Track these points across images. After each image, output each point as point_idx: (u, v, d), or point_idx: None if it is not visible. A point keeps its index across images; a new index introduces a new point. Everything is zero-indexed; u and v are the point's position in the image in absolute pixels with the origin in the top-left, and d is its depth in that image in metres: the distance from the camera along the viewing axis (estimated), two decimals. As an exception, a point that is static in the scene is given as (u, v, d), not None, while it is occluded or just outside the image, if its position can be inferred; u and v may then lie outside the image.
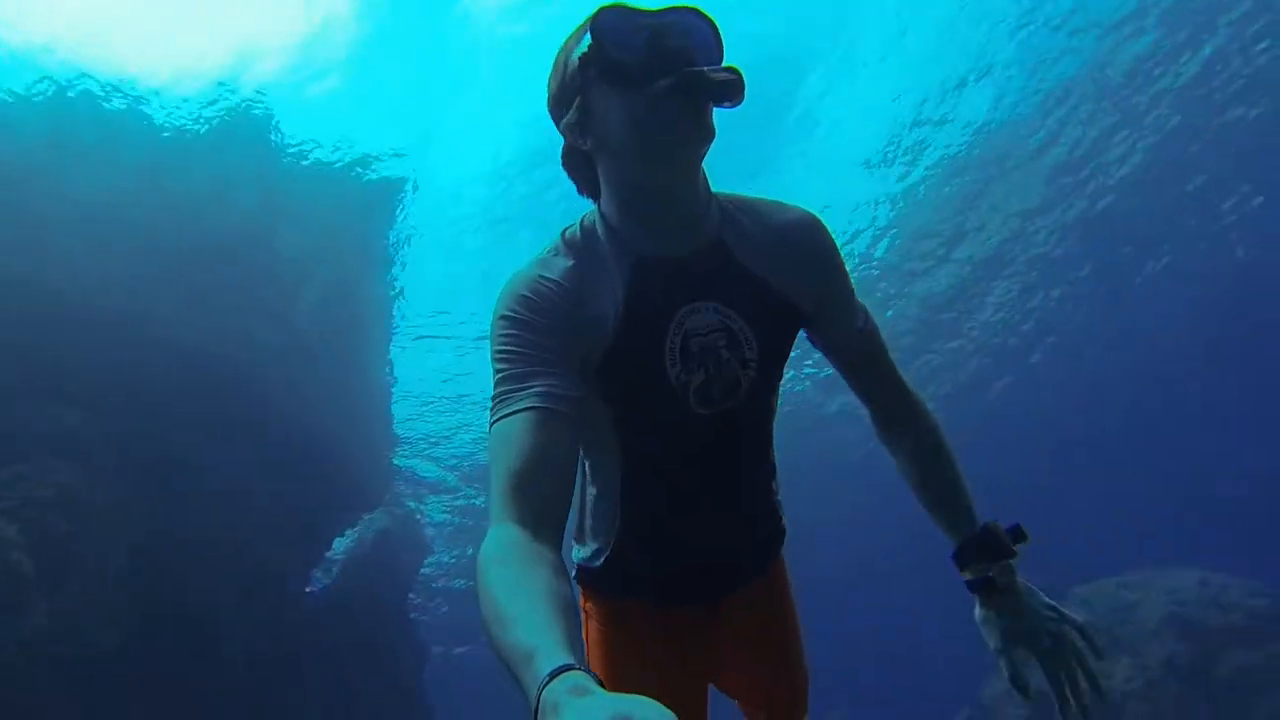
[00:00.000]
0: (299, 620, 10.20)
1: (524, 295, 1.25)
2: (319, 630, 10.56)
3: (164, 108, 11.37)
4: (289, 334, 11.88)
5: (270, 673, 9.14)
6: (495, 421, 1.17)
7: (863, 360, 1.53)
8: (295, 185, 12.47)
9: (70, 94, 10.58)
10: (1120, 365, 20.45)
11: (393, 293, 15.32)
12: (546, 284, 1.27)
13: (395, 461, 17.54)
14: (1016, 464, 22.47)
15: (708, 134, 1.21)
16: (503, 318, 1.24)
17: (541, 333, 1.22)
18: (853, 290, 1.49)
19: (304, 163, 12.73)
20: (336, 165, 13.03)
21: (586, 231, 1.36)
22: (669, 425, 1.38)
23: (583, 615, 1.69)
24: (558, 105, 1.30)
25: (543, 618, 0.85)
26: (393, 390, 16.43)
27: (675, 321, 1.33)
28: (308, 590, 11.55)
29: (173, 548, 8.33)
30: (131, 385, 9.02)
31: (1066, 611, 1.43)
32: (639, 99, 1.18)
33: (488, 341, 1.27)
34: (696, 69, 1.16)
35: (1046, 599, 1.44)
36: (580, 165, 1.35)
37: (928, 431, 1.56)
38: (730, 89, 1.15)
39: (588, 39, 1.20)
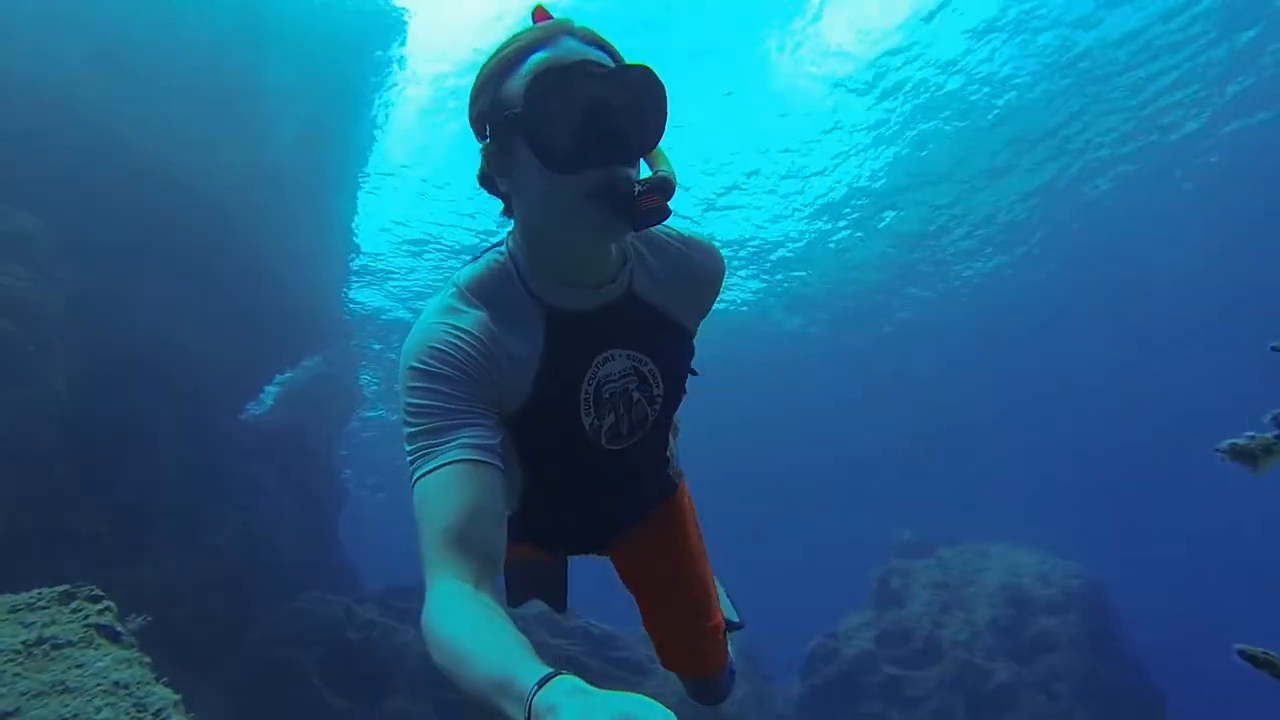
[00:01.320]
0: (227, 441, 10.61)
1: (437, 348, 1.22)
2: (245, 455, 11.03)
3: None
4: (258, 167, 11.66)
5: (196, 486, 9.61)
6: (421, 476, 1.15)
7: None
8: (284, 10, 11.74)
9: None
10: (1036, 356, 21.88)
11: (370, 137, 14.82)
12: (461, 336, 1.24)
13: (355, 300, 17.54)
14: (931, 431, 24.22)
15: (619, 236, 1.24)
16: (416, 370, 1.21)
17: (458, 384, 1.20)
18: None
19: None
20: None
21: (496, 278, 1.33)
22: (577, 460, 1.44)
23: None
24: (478, 126, 1.26)
25: (509, 652, 0.88)
26: (355, 240, 16.24)
27: (590, 372, 1.36)
28: (240, 417, 11.92)
29: (116, 358, 8.56)
30: (89, 192, 8.87)
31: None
32: (563, 187, 1.17)
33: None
34: (625, 189, 1.16)
35: None
36: (496, 189, 1.33)
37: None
38: (651, 218, 1.17)
39: (521, 100, 1.15)
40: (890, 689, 10.62)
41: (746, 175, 14.83)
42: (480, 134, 1.26)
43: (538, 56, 1.17)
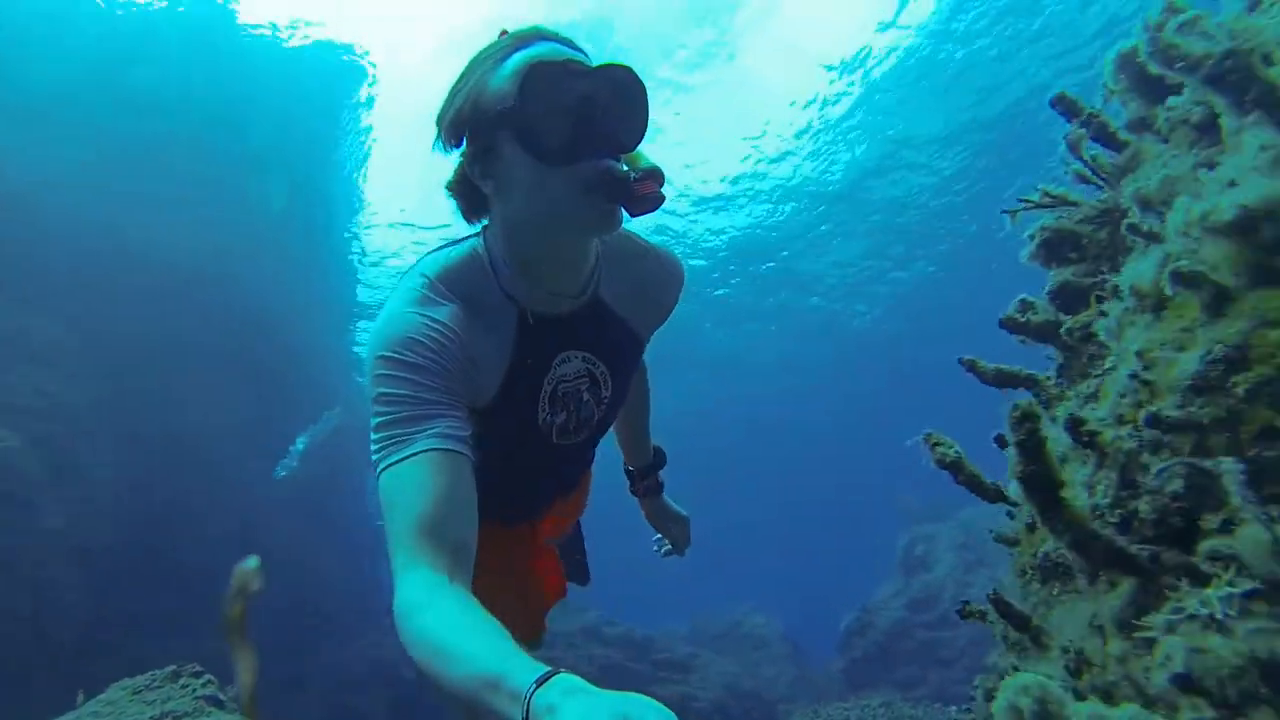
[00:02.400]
0: (265, 504, 11.22)
1: (411, 338, 1.22)
2: (283, 514, 11.64)
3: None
4: (255, 233, 12.17)
5: (239, 549, 10.17)
6: (392, 464, 1.14)
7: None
8: (260, 69, 12.26)
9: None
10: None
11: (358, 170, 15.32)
12: (435, 328, 1.24)
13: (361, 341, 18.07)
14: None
15: (615, 227, 1.24)
16: (390, 360, 1.20)
17: (432, 375, 1.20)
18: None
19: (271, 45, 12.43)
20: (302, 46, 12.70)
21: (470, 273, 1.33)
22: (526, 450, 1.50)
23: None
24: (458, 130, 1.27)
25: (499, 647, 0.87)
26: (359, 276, 16.83)
27: (551, 373, 1.40)
28: (273, 478, 12.54)
29: (154, 444, 9.17)
30: (101, 289, 9.46)
31: (677, 509, 2.17)
32: (556, 180, 1.18)
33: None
34: (623, 176, 1.18)
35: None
36: (470, 195, 1.34)
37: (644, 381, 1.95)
38: (649, 204, 1.19)
39: (514, 94, 1.17)
40: (924, 652, 11.19)
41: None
42: (455, 139, 1.27)
43: (522, 55, 1.19)
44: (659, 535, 2.21)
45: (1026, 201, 1.30)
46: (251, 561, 1.76)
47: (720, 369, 22.63)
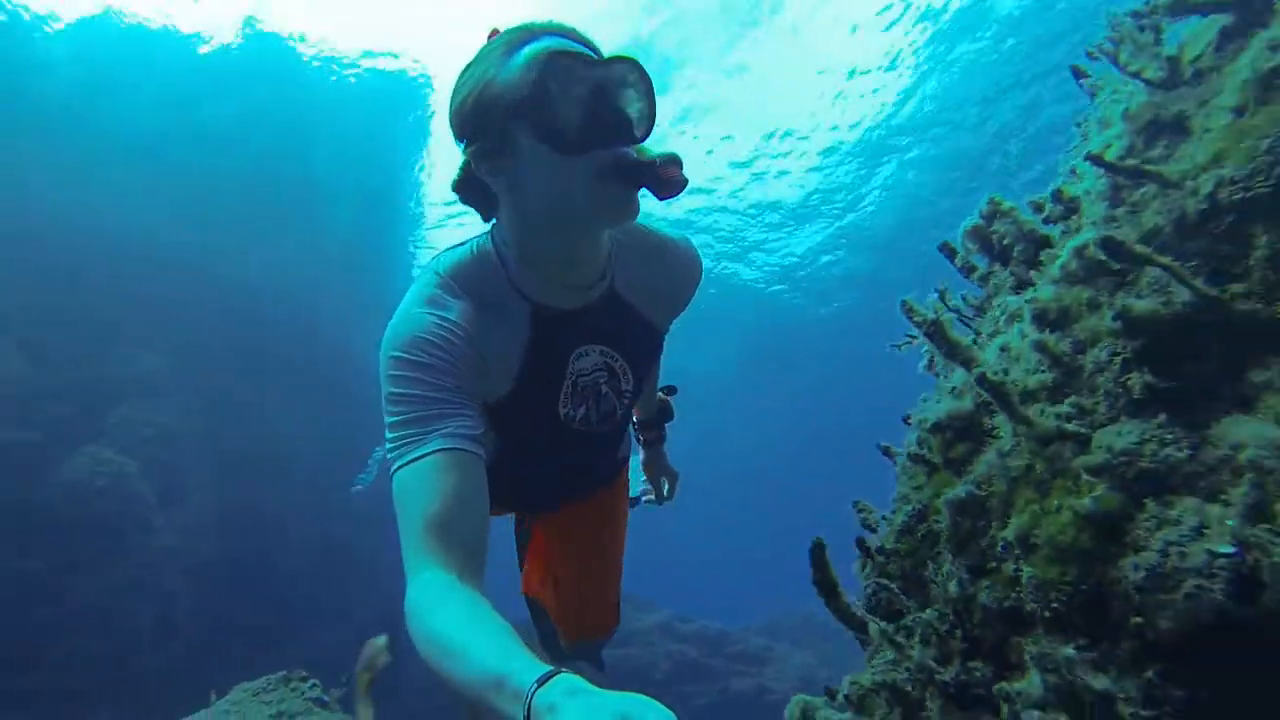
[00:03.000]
0: (345, 516, 11.96)
1: (423, 338, 1.23)
2: (362, 527, 12.38)
3: (196, 36, 11.84)
4: (325, 256, 12.88)
5: (328, 563, 10.95)
6: (404, 464, 1.16)
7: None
8: (322, 99, 12.94)
9: (109, 27, 11.11)
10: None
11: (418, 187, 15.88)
12: (446, 327, 1.25)
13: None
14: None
15: (634, 215, 1.24)
16: (401, 360, 1.22)
17: (444, 374, 1.21)
18: None
19: (329, 74, 13.10)
20: (361, 75, 13.36)
21: (481, 270, 1.34)
22: (547, 442, 1.51)
23: None
24: (470, 128, 1.26)
25: (504, 647, 0.88)
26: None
27: (570, 367, 1.41)
28: (351, 491, 13.33)
29: (242, 463, 9.95)
30: (192, 325, 10.29)
31: (671, 465, 2.28)
32: (575, 170, 1.18)
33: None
34: (646, 161, 1.19)
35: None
36: (478, 193, 1.34)
37: None
38: (674, 187, 1.19)
39: (529, 84, 1.17)
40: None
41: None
42: (467, 134, 1.26)
43: (532, 47, 1.19)
44: (646, 483, 2.33)
45: (911, 336, 1.44)
46: (380, 640, 1.91)
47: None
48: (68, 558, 7.29)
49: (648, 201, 1.23)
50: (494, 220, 1.37)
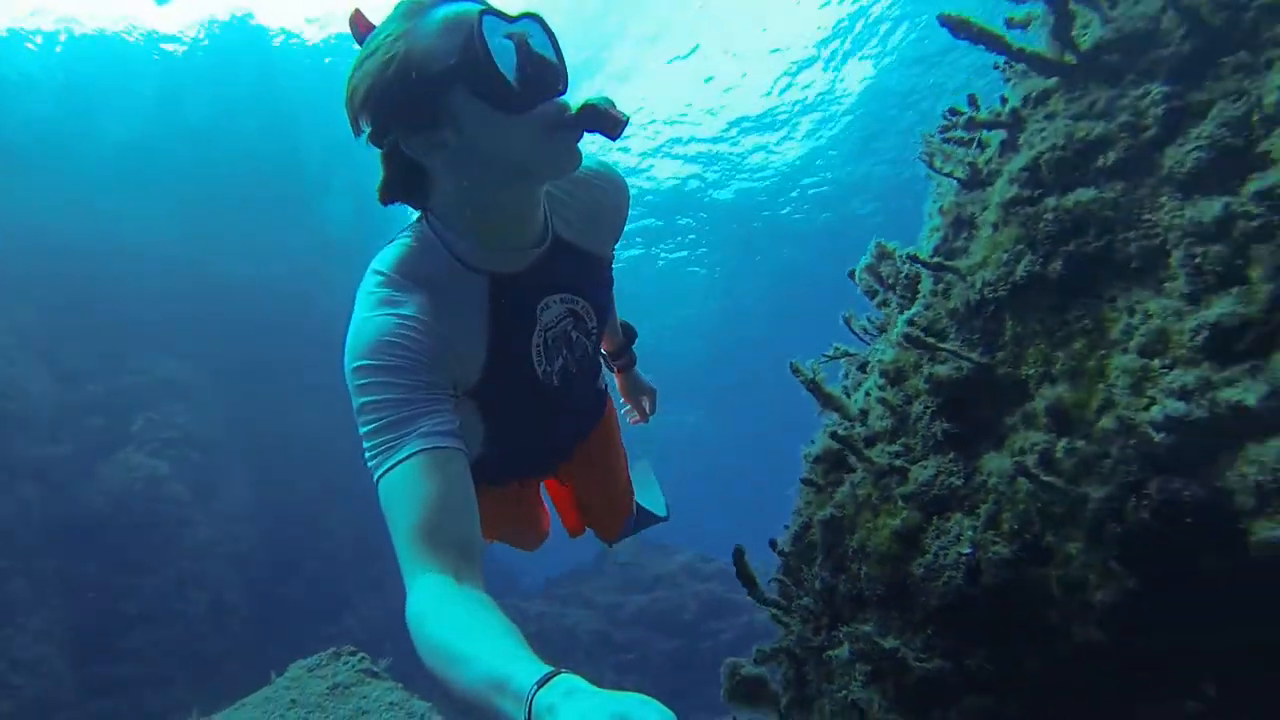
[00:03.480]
0: (375, 507, 12.45)
1: (386, 340, 1.22)
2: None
3: (167, 35, 11.92)
4: (322, 248, 13.01)
5: (362, 534, 11.53)
6: (384, 472, 1.16)
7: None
8: (302, 81, 12.95)
9: (86, 35, 11.23)
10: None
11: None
12: (405, 324, 1.24)
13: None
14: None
15: (579, 163, 1.26)
16: (366, 368, 1.21)
17: (410, 374, 1.21)
18: None
19: (303, 53, 13.14)
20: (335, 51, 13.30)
21: (425, 257, 1.33)
22: (535, 402, 1.52)
23: None
24: (393, 108, 1.21)
25: (505, 649, 0.90)
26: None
27: (538, 324, 1.42)
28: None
29: (271, 459, 10.46)
30: (205, 326, 10.67)
31: (648, 382, 2.37)
32: (520, 127, 1.18)
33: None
34: (591, 107, 1.20)
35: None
36: (404, 185, 1.32)
37: None
38: (621, 125, 1.21)
39: (458, 48, 1.15)
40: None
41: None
42: (391, 115, 1.22)
43: (445, 10, 1.18)
44: (628, 406, 2.43)
45: (826, 356, 1.72)
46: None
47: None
48: (119, 559, 7.89)
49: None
50: (423, 209, 1.36)
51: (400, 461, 1.13)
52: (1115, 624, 0.84)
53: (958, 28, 1.20)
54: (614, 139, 1.21)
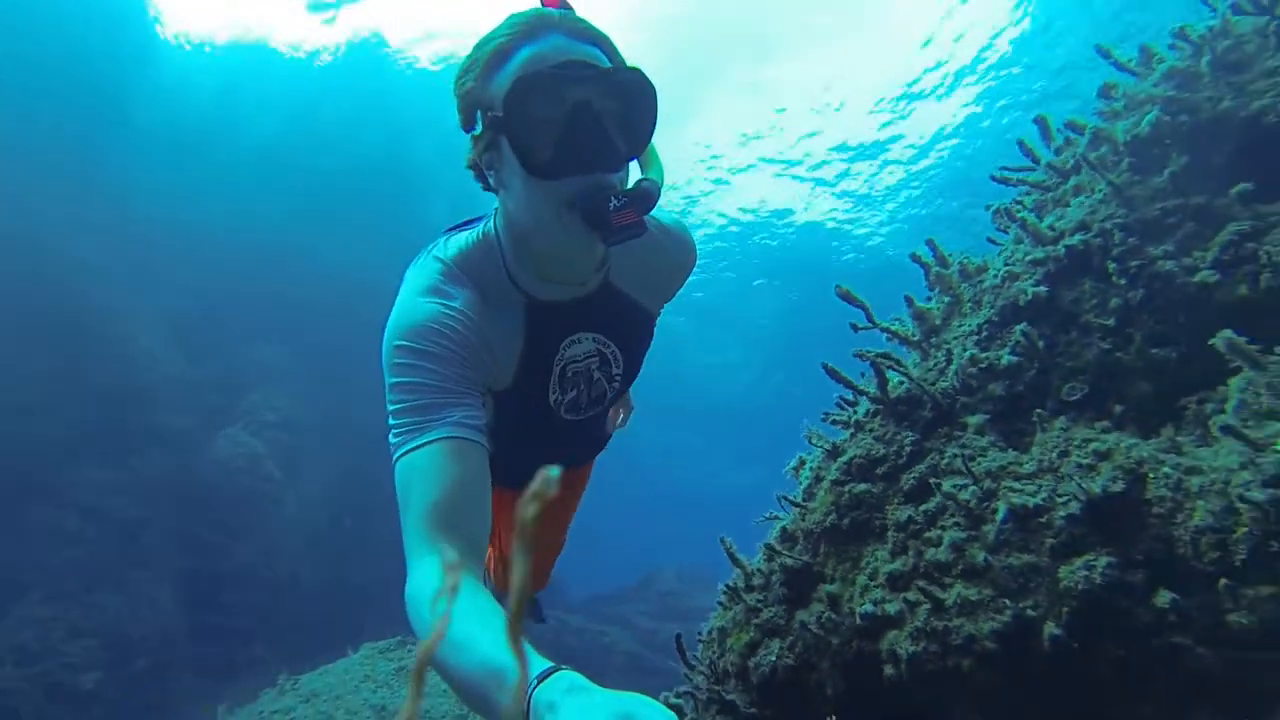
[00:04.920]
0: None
1: (429, 326, 1.28)
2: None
3: (314, 49, 13.74)
4: (414, 244, 14.59)
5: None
6: (408, 451, 1.21)
7: None
8: (416, 95, 14.50)
9: (237, 43, 13.12)
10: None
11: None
12: (452, 315, 1.31)
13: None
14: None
15: (598, 245, 1.30)
16: (407, 349, 1.27)
17: (450, 363, 1.27)
18: None
19: (419, 71, 14.70)
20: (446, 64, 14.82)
21: (483, 259, 1.40)
22: (537, 427, 1.61)
23: None
24: (466, 115, 1.32)
25: (503, 640, 0.92)
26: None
27: (559, 355, 1.50)
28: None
29: (351, 441, 12.00)
30: (304, 316, 12.34)
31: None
32: (543, 193, 1.23)
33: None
34: (601, 203, 1.22)
35: None
36: (482, 175, 1.38)
37: None
38: (625, 234, 1.23)
39: (504, 102, 1.21)
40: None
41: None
42: (469, 123, 1.31)
43: (523, 54, 1.22)
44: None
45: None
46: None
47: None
48: (221, 524, 9.54)
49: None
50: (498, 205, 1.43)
51: (426, 444, 1.20)
52: None
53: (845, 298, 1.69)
54: (606, 244, 1.25)
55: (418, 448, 1.20)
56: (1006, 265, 1.77)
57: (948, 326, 1.86)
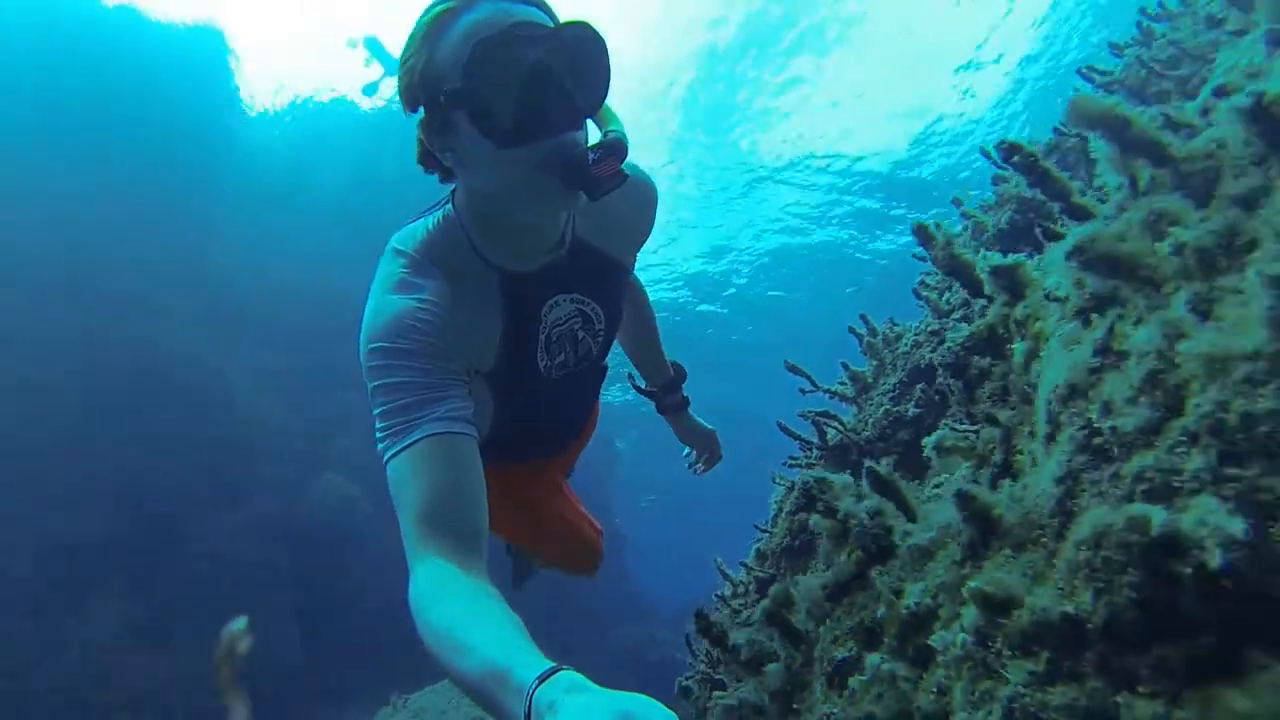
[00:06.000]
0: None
1: (405, 324, 1.31)
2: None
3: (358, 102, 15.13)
4: None
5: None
6: (396, 454, 1.24)
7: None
8: None
9: (306, 102, 14.56)
10: None
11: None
12: (423, 307, 1.33)
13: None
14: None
15: (576, 205, 1.31)
16: (382, 350, 1.30)
17: (427, 359, 1.30)
18: None
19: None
20: None
21: (447, 243, 1.43)
22: (528, 391, 1.66)
23: None
24: (410, 98, 1.32)
25: (507, 640, 0.97)
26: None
27: (542, 323, 1.55)
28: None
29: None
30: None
31: (704, 425, 2.42)
32: (510, 161, 1.24)
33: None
34: (579, 158, 1.24)
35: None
36: (435, 162, 1.40)
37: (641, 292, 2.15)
38: (608, 185, 1.26)
39: (459, 74, 1.21)
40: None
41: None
42: (412, 106, 1.32)
43: (467, 20, 1.22)
44: (688, 450, 2.51)
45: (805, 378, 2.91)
46: (240, 623, 1.91)
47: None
48: (323, 561, 10.78)
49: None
50: (454, 187, 1.46)
51: (411, 444, 1.23)
52: None
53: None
54: (592, 199, 1.26)
55: (402, 450, 1.23)
56: (914, 335, 2.45)
57: (877, 385, 2.56)
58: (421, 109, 1.30)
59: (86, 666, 8.84)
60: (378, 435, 1.28)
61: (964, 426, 1.51)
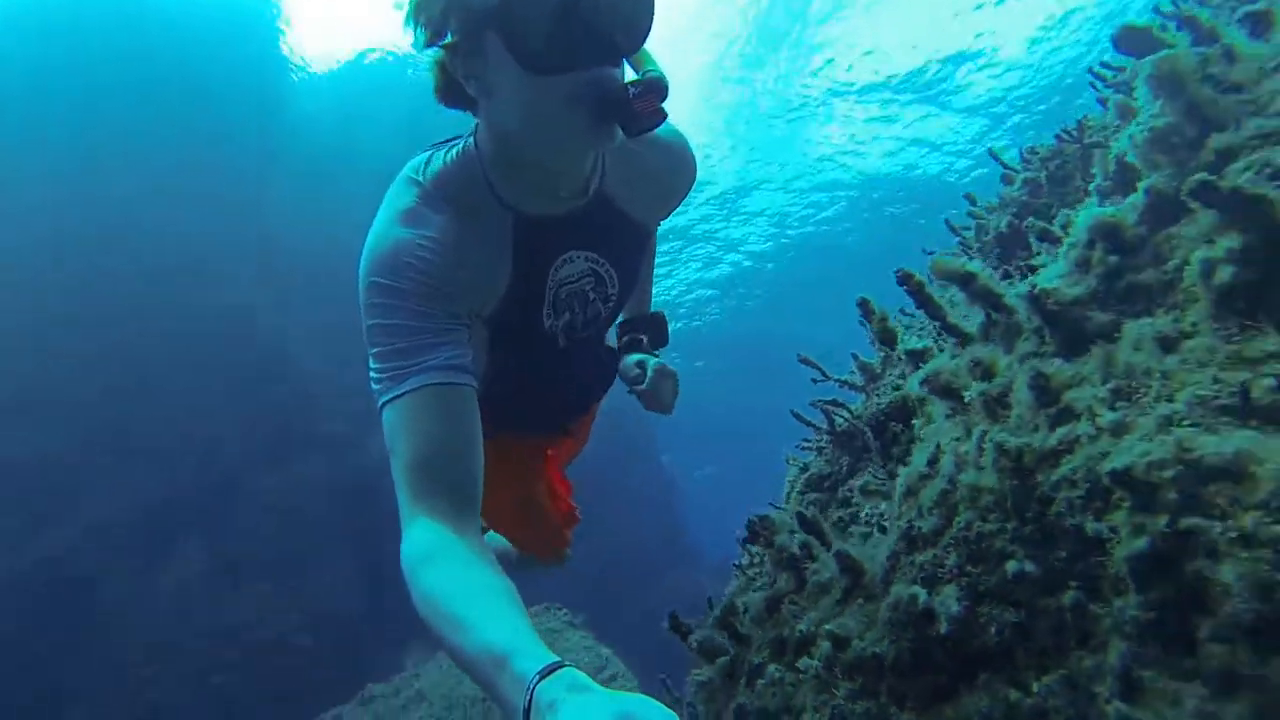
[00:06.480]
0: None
1: (404, 260, 1.29)
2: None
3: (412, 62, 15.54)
4: None
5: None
6: (391, 400, 1.23)
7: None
8: None
9: (360, 64, 15.03)
10: None
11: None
12: (428, 245, 1.31)
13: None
14: None
15: (610, 143, 1.27)
16: (381, 286, 1.28)
17: (427, 300, 1.28)
18: None
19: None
20: None
21: (462, 178, 1.39)
22: (534, 352, 1.63)
23: None
24: (437, 23, 1.27)
25: (505, 619, 0.97)
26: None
27: (551, 275, 1.51)
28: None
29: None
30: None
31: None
32: (544, 91, 1.21)
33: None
34: (619, 91, 1.21)
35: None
36: (456, 94, 1.36)
37: None
38: (648, 122, 1.22)
39: None
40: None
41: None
42: (439, 33, 1.27)
43: None
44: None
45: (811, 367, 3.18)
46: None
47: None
48: (378, 520, 11.54)
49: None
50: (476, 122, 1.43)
51: (408, 391, 1.23)
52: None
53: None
54: (630, 135, 1.24)
55: (401, 395, 1.23)
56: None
57: (884, 375, 2.89)
58: (450, 34, 1.27)
59: (174, 606, 9.93)
60: (372, 377, 1.28)
61: (881, 474, 1.94)
